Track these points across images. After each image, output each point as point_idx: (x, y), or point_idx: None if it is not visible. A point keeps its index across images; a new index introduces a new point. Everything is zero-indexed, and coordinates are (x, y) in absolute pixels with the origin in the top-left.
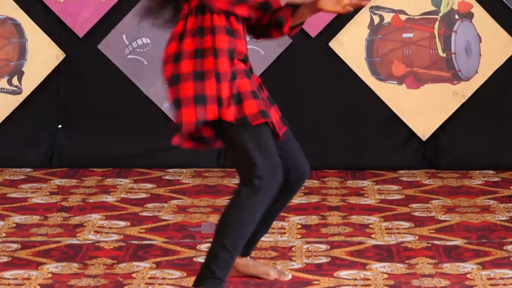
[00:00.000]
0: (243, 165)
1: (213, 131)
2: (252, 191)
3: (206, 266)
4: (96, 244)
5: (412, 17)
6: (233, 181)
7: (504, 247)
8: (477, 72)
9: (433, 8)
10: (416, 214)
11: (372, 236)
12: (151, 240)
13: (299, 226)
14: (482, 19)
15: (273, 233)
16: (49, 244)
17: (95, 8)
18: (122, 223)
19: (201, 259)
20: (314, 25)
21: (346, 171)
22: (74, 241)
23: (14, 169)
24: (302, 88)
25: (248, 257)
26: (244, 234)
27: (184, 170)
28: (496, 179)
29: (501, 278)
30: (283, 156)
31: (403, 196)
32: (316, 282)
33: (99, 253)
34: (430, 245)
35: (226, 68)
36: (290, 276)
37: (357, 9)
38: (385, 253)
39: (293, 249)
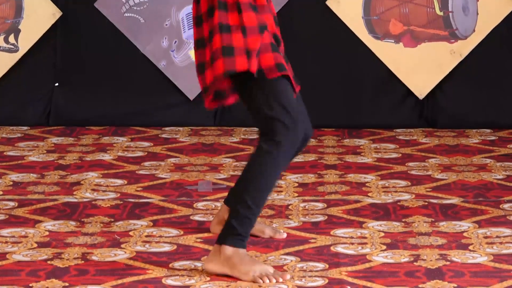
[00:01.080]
0: (263, 119)
1: (230, 84)
2: (273, 145)
3: (228, 222)
4: (93, 202)
5: None
6: (230, 140)
7: (500, 206)
8: (474, 30)
9: None
10: (413, 172)
11: (369, 194)
12: (148, 198)
13: (296, 184)
14: None
15: None
16: (46, 202)
17: None
18: (119, 181)
19: (198, 217)
20: None
21: (343, 129)
22: (71, 199)
23: (11, 127)
24: (299, 47)
25: None
26: (266, 189)
27: (181, 128)
28: (493, 138)
29: (497, 237)
30: None
31: (400, 155)
32: (312, 241)
33: (96, 211)
34: (426, 203)
35: (254, 21)
36: (285, 235)
37: None
38: (382, 212)
39: (289, 207)
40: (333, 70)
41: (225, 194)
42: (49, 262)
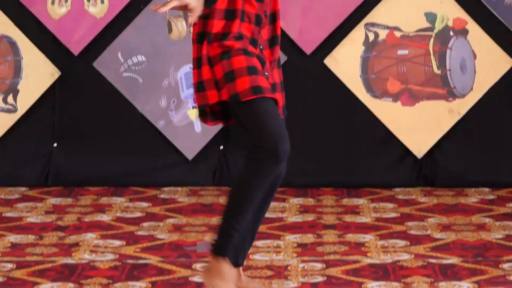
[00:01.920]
0: (247, 139)
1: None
2: (252, 165)
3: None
4: (92, 263)
5: (407, 34)
6: None
7: (499, 266)
8: (472, 89)
9: (428, 25)
10: (412, 232)
11: (368, 254)
12: (146, 259)
13: (295, 244)
14: (477, 35)
15: (268, 252)
16: (44, 264)
17: (90, 25)
18: (117, 242)
19: (197, 279)
20: (309, 43)
21: (342, 189)
22: (69, 260)
23: (10, 188)
24: (297, 105)
25: (240, 268)
26: (245, 206)
27: (179, 188)
28: (492, 197)
29: None
30: None
31: (399, 214)
32: None
33: (94, 273)
34: (426, 263)
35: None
36: None
37: (351, 25)
38: (381, 272)
39: (288, 268)
40: (331, 129)
41: None
42: None
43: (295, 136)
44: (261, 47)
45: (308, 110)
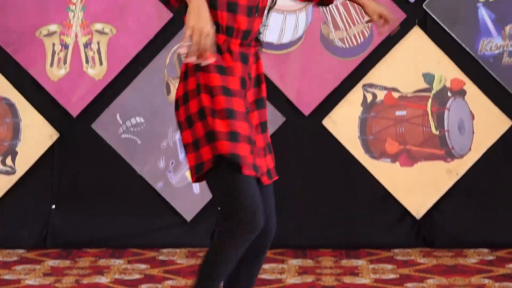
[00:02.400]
0: (221, 208)
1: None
2: (225, 235)
3: None
4: None
5: (405, 94)
6: None
7: None
8: (470, 149)
9: (426, 86)
10: None
11: None
12: None
13: None
14: (475, 96)
15: None
16: None
17: (89, 87)
18: None
19: None
20: (307, 104)
21: (340, 250)
22: None
23: (8, 250)
24: (295, 166)
25: None
26: (214, 277)
27: (178, 250)
28: (491, 258)
29: None
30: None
31: (398, 275)
32: None
33: None
34: None
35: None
36: None
37: (349, 87)
38: None
39: None
40: (329, 189)
41: None
42: None
43: (293, 196)
44: (247, 109)
45: (306, 171)
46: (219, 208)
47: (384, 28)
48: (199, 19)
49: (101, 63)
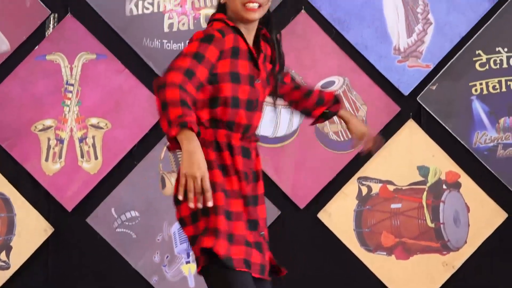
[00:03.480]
0: None
1: None
2: None
3: None
4: None
5: (400, 187)
6: None
7: None
8: (466, 242)
9: (421, 178)
10: None
11: None
12: None
13: None
14: (470, 189)
15: None
16: None
17: (83, 181)
18: None
19: None
20: (302, 197)
21: None
22: None
23: None
24: (290, 259)
25: None
26: None
27: None
28: None
29: None
30: None
31: None
32: None
33: None
34: None
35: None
36: None
37: (344, 180)
38: None
39: None
40: (325, 282)
41: None
42: None
43: None
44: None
45: (302, 264)
46: None
47: (362, 145)
48: (191, 166)
49: (96, 157)
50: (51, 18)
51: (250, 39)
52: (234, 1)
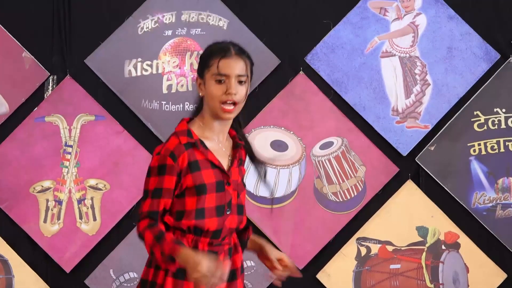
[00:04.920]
0: None
1: None
2: None
3: None
4: None
5: (399, 248)
6: None
7: None
8: None
9: (420, 239)
10: None
11: None
12: None
13: None
14: (469, 249)
15: None
16: None
17: (82, 243)
18: None
19: None
20: (301, 258)
21: None
22: None
23: None
24: None
25: None
26: None
27: None
28: None
29: None
30: None
31: None
32: None
33: None
34: None
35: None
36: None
37: (343, 240)
38: None
39: None
40: None
41: None
42: None
43: None
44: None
45: None
46: None
47: (280, 273)
48: (195, 270)
49: (94, 219)
50: (50, 80)
51: (224, 132)
52: (212, 99)
